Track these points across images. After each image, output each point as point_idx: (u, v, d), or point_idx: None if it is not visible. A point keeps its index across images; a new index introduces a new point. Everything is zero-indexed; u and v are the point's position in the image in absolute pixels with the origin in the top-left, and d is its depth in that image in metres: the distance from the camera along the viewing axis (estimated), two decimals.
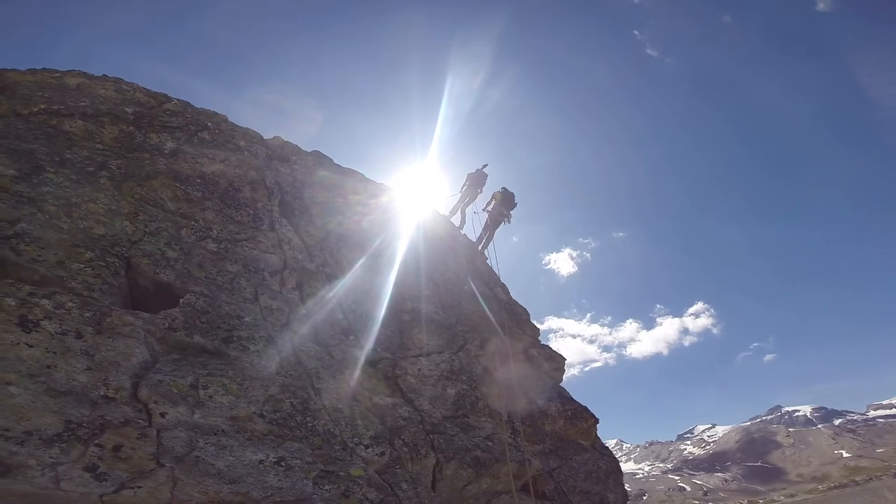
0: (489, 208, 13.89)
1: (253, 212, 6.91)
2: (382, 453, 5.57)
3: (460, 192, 14.47)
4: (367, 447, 5.47)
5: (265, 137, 8.96)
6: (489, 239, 13.81)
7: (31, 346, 3.44)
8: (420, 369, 7.29)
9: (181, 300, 4.93)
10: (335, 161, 10.55)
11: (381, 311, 7.78)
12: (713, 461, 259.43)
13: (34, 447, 3.07)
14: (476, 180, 14.33)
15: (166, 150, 6.55)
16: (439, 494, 6.01)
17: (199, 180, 6.50)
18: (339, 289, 7.32)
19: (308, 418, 5.02)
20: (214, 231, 6.11)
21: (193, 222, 6.00)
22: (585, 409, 9.89)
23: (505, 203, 13.71)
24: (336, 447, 5.15)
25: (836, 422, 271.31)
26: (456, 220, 14.25)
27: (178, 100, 7.61)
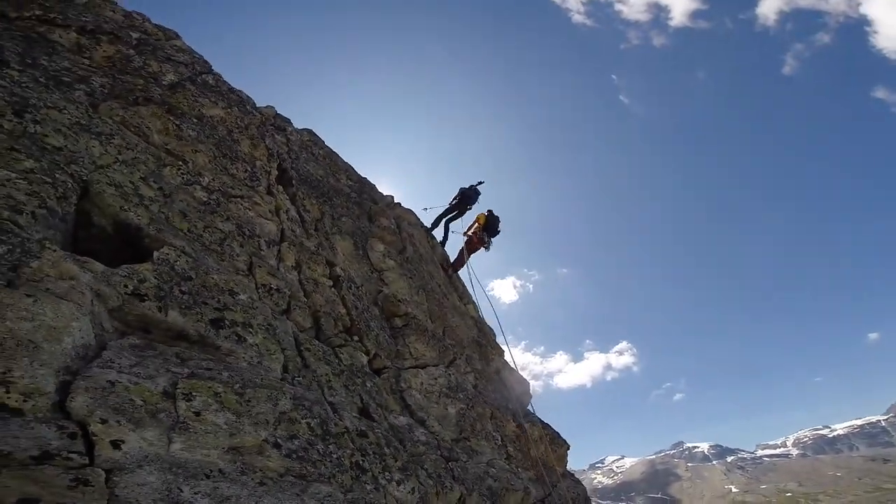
0: (470, 232, 12.61)
1: (251, 168, 5.51)
2: (413, 490, 4.04)
3: (449, 204, 13.30)
4: (398, 483, 3.92)
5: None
6: (464, 261, 12.61)
7: None
8: (422, 383, 6.25)
9: (155, 254, 3.14)
10: (325, 141, 10.00)
11: (376, 311, 6.46)
12: (619, 491, 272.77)
13: None
14: (467, 197, 13.14)
15: (165, 82, 5.28)
16: None
17: (195, 119, 5.10)
18: (340, 277, 5.87)
19: (331, 447, 3.30)
20: (205, 178, 4.53)
21: (181, 162, 4.41)
22: (558, 434, 9.29)
23: (488, 228, 12.44)
24: (368, 486, 3.47)
25: (729, 459, 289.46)
26: (438, 233, 13.29)
27: (185, 42, 6.70)
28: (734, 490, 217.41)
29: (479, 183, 13.43)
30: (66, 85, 4.12)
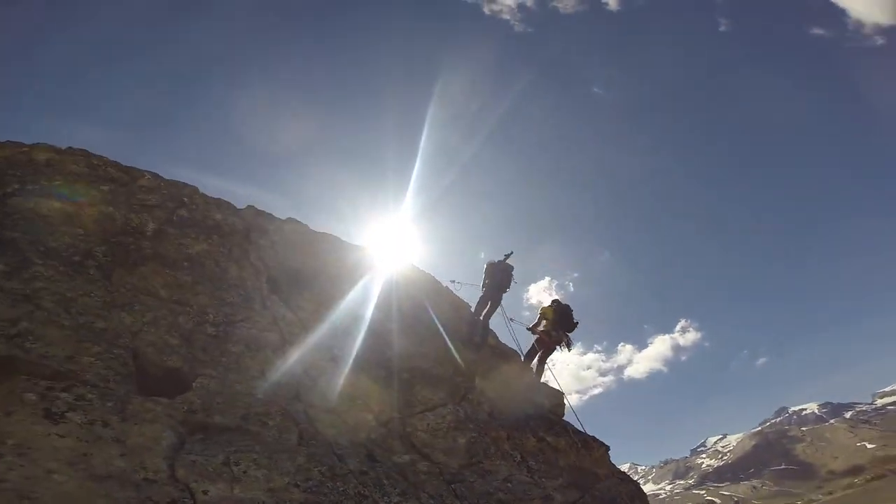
0: (540, 328, 10.40)
1: (243, 292, 6.82)
2: None
3: (482, 288, 10.96)
4: None
5: (238, 207, 8.83)
6: (539, 370, 10.44)
7: (62, 437, 3.23)
8: (429, 424, 7.18)
9: (193, 384, 4.78)
10: (310, 227, 10.28)
11: (382, 372, 7.71)
12: (735, 470, 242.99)
13: None
14: (500, 276, 10.83)
15: (149, 233, 6.39)
16: None
17: (186, 263, 6.39)
18: (338, 357, 7.22)
19: (339, 483, 4.82)
20: (210, 315, 6.00)
21: (188, 308, 5.88)
22: (594, 438, 9.82)
23: (562, 322, 10.18)
24: None
25: (847, 415, 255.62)
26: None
27: (149, 174, 7.42)
28: (870, 446, 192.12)
29: (508, 255, 11.21)
30: (79, 265, 5.36)
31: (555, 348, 10.18)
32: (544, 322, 10.30)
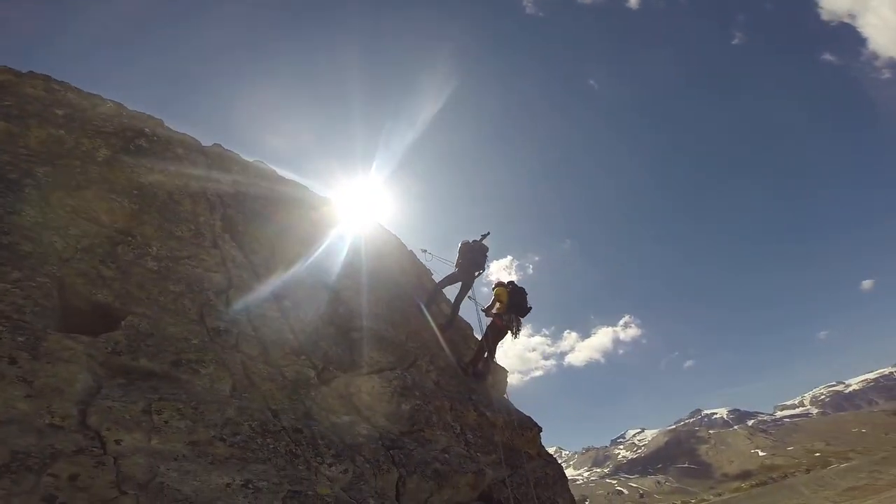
0: (493, 311, 10.14)
1: (194, 227, 6.48)
2: (346, 471, 5.33)
3: (455, 266, 10.74)
4: (330, 465, 5.21)
5: (204, 145, 8.53)
6: (491, 351, 10.29)
7: None
8: (374, 387, 7.10)
9: (122, 322, 4.51)
10: (276, 171, 10.15)
11: (331, 330, 7.60)
12: (646, 464, 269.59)
13: None
14: (474, 256, 10.51)
15: (100, 158, 6.03)
16: None
17: (135, 192, 6.01)
18: (288, 308, 7.06)
19: (269, 440, 4.69)
20: (154, 248, 5.67)
21: (131, 238, 5.54)
22: (529, 418, 10.03)
23: (514, 307, 9.93)
24: (300, 467, 4.86)
25: (750, 422, 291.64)
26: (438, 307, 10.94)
27: (112, 102, 7.11)
28: (761, 453, 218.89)
29: (484, 236, 10.86)
30: (14, 183, 5.05)
31: (506, 333, 9.96)
32: (497, 305, 10.10)
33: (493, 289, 10.44)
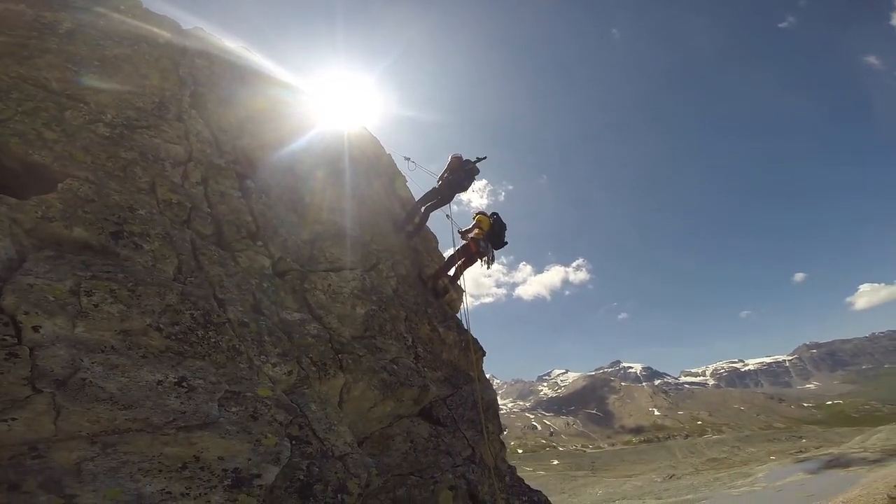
0: (470, 235, 10.12)
1: (159, 99, 5.94)
2: (290, 372, 5.26)
3: (438, 179, 10.74)
4: (274, 365, 5.12)
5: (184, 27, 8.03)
6: (457, 273, 10.58)
7: None
8: (330, 285, 6.97)
9: (59, 185, 4.04)
10: (262, 58, 9.94)
11: (294, 218, 7.23)
12: (562, 404, 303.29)
13: None
14: (461, 175, 10.45)
15: (61, 31, 5.52)
16: (346, 416, 5.89)
17: (97, 63, 5.46)
18: (250, 189, 6.62)
19: (211, 333, 4.51)
20: (108, 115, 5.14)
21: (83, 104, 4.99)
22: (476, 341, 10.22)
23: (491, 237, 10.01)
24: (242, 365, 4.74)
25: (657, 382, 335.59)
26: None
27: None
28: (656, 413, 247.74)
29: (480, 159, 10.70)
30: None
31: (477, 259, 10.04)
32: (476, 231, 10.05)
33: (476, 215, 10.42)
